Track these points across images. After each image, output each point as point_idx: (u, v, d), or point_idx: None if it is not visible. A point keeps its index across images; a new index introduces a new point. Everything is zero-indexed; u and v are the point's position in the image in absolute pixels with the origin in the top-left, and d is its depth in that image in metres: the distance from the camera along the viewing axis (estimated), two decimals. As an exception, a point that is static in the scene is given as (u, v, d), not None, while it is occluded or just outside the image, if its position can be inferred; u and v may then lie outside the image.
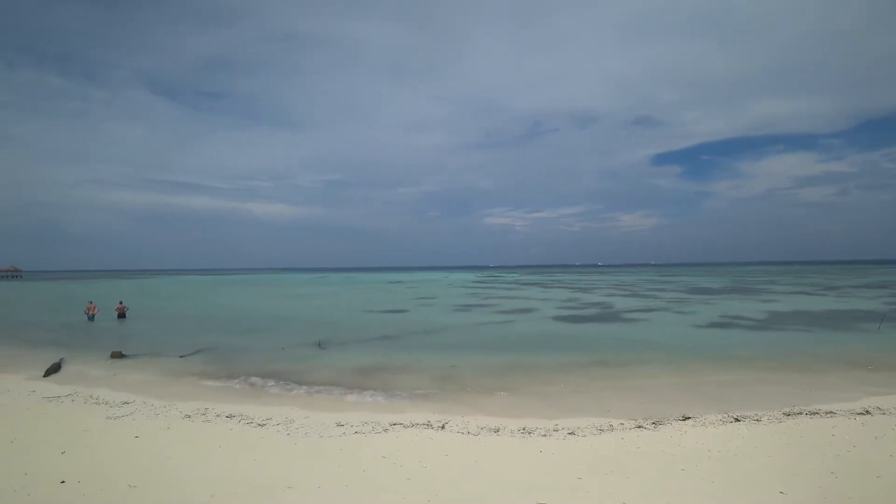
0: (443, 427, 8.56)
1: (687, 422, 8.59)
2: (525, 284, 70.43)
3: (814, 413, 8.89)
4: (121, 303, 30.55)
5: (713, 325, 23.60)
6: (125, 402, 10.37)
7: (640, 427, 8.35)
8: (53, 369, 14.08)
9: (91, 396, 10.92)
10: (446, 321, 27.30)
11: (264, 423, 8.91)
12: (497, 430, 8.31)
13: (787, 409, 9.18)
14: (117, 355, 16.20)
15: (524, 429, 8.36)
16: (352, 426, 8.65)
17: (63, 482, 6.02)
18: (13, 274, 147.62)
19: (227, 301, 46.79)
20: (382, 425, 8.67)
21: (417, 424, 8.72)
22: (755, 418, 8.67)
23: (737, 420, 8.59)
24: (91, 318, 27.64)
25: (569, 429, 8.31)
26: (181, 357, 16.23)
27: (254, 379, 13.12)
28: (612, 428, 8.35)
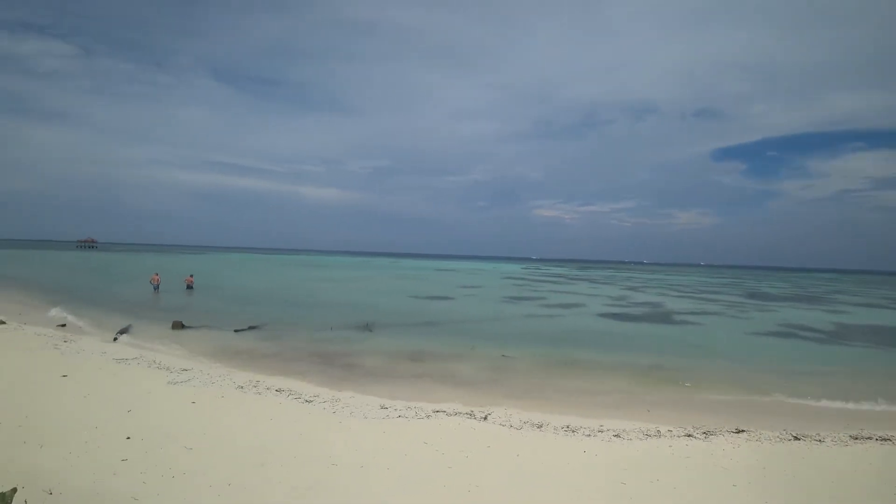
0: (485, 418, 8.55)
1: (741, 435, 8.17)
2: (573, 279, 69.06)
3: (885, 439, 8.22)
4: (191, 276, 32.59)
5: (773, 333, 22.31)
6: (184, 370, 10.99)
7: (689, 436, 8.02)
8: (122, 333, 15.12)
9: (154, 361, 11.64)
10: (493, 311, 27.22)
11: (311, 399, 9.21)
12: (540, 426, 8.21)
13: (853, 432, 8.53)
14: (178, 325, 17.19)
15: (568, 426, 8.21)
16: (395, 410, 8.80)
17: (128, 438, 6.45)
18: (90, 244, 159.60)
19: (280, 280, 48.65)
20: (426, 411, 8.76)
21: (460, 413, 8.76)
22: (817, 438, 8.11)
23: (796, 438, 8.07)
24: (156, 288, 29.44)
25: (614, 431, 8.09)
26: (236, 331, 17.01)
27: (303, 356, 13.62)
28: (659, 434, 8.06)
